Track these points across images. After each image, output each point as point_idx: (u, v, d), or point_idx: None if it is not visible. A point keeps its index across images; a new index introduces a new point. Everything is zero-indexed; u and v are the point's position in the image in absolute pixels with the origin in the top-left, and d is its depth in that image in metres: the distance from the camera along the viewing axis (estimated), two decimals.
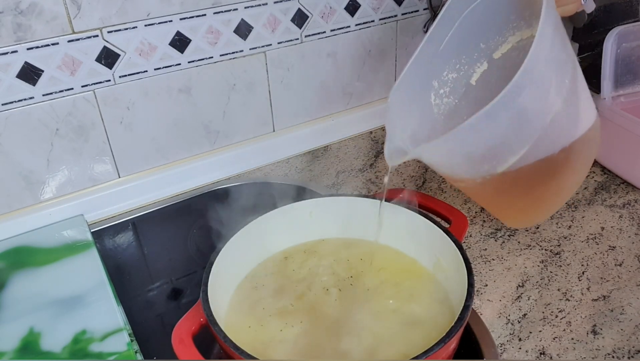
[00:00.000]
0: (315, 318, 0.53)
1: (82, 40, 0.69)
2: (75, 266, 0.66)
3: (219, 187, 0.84)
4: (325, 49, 0.88)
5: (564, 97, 0.47)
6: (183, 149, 0.83)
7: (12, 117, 0.68)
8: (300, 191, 0.81)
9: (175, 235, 0.78)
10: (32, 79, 0.67)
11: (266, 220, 0.59)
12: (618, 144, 0.79)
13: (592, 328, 0.58)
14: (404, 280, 0.58)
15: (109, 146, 0.76)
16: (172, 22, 0.74)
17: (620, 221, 0.74)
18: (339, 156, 0.91)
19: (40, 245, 0.70)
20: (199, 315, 0.48)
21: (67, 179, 0.75)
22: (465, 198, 0.78)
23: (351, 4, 0.87)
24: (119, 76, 0.73)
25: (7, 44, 0.65)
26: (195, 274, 0.70)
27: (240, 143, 0.87)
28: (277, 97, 0.87)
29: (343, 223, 0.63)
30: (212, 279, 0.51)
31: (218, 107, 0.83)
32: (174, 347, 0.46)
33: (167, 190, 0.82)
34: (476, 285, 0.64)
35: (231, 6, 0.77)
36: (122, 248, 0.75)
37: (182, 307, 0.54)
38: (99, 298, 0.61)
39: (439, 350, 0.43)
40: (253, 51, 0.82)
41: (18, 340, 0.56)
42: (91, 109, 0.73)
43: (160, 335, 0.60)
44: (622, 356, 0.55)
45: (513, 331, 0.58)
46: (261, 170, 0.88)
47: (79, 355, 0.54)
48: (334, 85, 0.92)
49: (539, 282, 0.64)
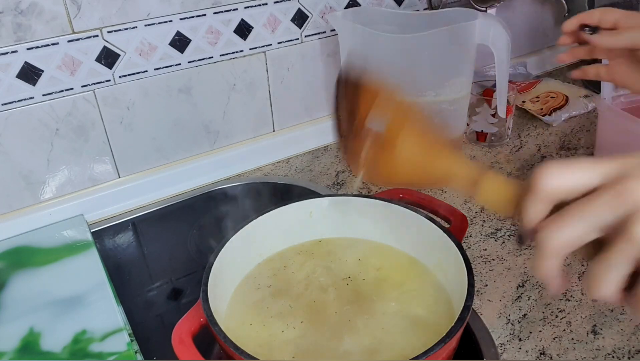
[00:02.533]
0: (315, 318, 0.53)
1: (82, 40, 0.69)
2: (75, 266, 0.66)
3: (219, 187, 0.84)
4: (325, 49, 0.88)
5: None
6: (183, 149, 0.83)
7: (12, 117, 0.68)
8: (300, 191, 0.81)
9: (175, 235, 0.78)
10: (32, 79, 0.67)
11: (266, 220, 0.59)
12: (618, 144, 0.79)
13: (592, 328, 0.58)
14: (404, 280, 0.58)
15: (109, 146, 0.76)
16: (172, 22, 0.74)
17: None
18: (339, 156, 0.91)
19: (40, 245, 0.70)
20: (199, 315, 0.48)
21: (67, 179, 0.75)
22: (465, 198, 0.78)
23: (351, 4, 0.87)
24: (119, 76, 0.73)
25: (7, 44, 0.65)
26: (195, 274, 0.70)
27: (240, 143, 0.87)
28: (277, 97, 0.87)
29: (343, 223, 0.63)
30: (212, 280, 0.51)
31: (218, 107, 0.83)
32: (174, 347, 0.46)
33: (167, 190, 0.82)
34: (476, 285, 0.64)
35: (231, 6, 0.77)
36: (122, 248, 0.75)
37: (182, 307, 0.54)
38: (99, 298, 0.61)
39: (439, 350, 0.43)
40: (253, 51, 0.82)
41: (18, 340, 0.56)
42: (91, 109, 0.73)
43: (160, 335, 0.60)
44: (622, 356, 0.55)
45: (513, 331, 0.58)
46: (261, 170, 0.88)
47: (79, 355, 0.54)
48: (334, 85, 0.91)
49: (539, 282, 0.64)
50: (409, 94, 0.72)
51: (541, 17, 1.14)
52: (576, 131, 0.96)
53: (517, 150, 0.91)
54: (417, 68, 0.78)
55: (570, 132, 0.95)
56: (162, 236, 0.79)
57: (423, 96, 0.79)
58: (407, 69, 0.77)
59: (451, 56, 0.79)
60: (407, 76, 0.77)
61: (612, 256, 0.32)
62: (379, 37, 0.75)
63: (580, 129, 0.96)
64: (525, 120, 1.00)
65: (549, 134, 0.95)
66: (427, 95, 0.80)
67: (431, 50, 0.76)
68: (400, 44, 0.76)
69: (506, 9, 1.04)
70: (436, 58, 0.78)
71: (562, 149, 0.91)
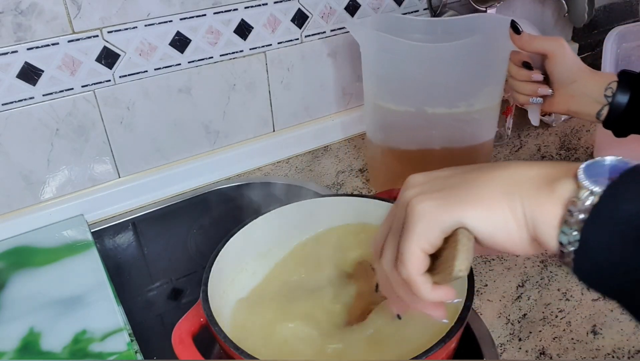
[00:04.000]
0: (315, 318, 0.53)
1: (82, 41, 0.69)
2: (75, 266, 0.66)
3: (219, 187, 0.84)
4: (325, 49, 0.88)
5: None
6: (183, 149, 0.83)
7: (12, 117, 0.68)
8: (300, 191, 0.81)
9: (175, 235, 0.78)
10: (32, 79, 0.67)
11: (266, 220, 0.59)
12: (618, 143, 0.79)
13: (592, 328, 0.58)
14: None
15: (109, 146, 0.76)
16: (172, 22, 0.74)
17: None
18: (339, 156, 0.91)
19: (40, 245, 0.70)
20: (199, 315, 0.48)
21: (67, 179, 0.75)
22: None
23: (351, 4, 0.87)
24: (119, 76, 0.73)
25: (7, 44, 0.65)
26: (195, 274, 0.70)
27: (240, 143, 0.87)
28: (277, 97, 0.87)
29: (343, 223, 0.63)
30: (212, 280, 0.51)
31: (218, 107, 0.83)
32: (174, 347, 0.46)
33: (167, 190, 0.82)
34: (476, 285, 0.64)
35: (231, 6, 0.77)
36: (122, 248, 0.75)
37: (182, 307, 0.54)
38: (99, 298, 0.61)
39: (439, 350, 0.43)
40: (253, 51, 0.82)
41: (18, 340, 0.56)
42: (91, 109, 0.73)
43: (160, 335, 0.60)
44: (622, 356, 0.55)
45: (513, 331, 0.58)
46: (261, 170, 0.89)
47: (79, 355, 0.54)
48: (334, 85, 0.92)
49: (539, 282, 0.64)
50: (439, 106, 0.71)
51: (541, 17, 1.14)
52: (576, 131, 0.96)
53: (517, 150, 0.91)
54: (451, 78, 0.72)
55: (570, 132, 0.95)
56: (162, 236, 0.79)
57: (455, 107, 0.73)
58: (441, 79, 0.71)
59: (486, 64, 0.73)
60: (439, 87, 0.72)
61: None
62: (412, 47, 0.68)
63: (580, 129, 0.96)
64: (525, 120, 1.00)
65: (548, 134, 0.95)
66: (459, 106, 0.73)
67: (468, 58, 0.70)
68: (435, 53, 0.69)
69: (506, 9, 1.04)
70: (471, 66, 0.71)
71: (562, 149, 0.91)
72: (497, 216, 0.34)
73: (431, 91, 0.72)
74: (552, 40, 0.62)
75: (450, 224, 0.35)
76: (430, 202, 0.36)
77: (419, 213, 0.36)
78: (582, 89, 0.61)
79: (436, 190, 0.37)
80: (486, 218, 0.34)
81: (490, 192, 0.34)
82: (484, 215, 0.34)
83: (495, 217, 0.34)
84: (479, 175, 0.36)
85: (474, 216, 0.34)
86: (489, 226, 0.34)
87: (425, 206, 0.36)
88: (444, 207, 0.35)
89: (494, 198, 0.34)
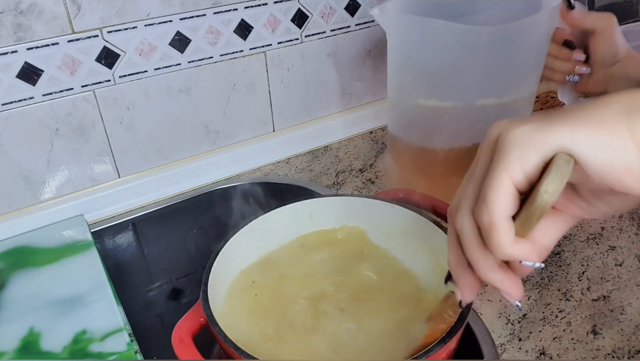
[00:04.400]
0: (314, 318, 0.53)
1: (82, 40, 0.69)
2: (75, 266, 0.66)
3: (219, 187, 0.84)
4: (325, 49, 0.88)
5: None
6: (183, 149, 0.83)
7: (12, 117, 0.68)
8: (300, 191, 0.81)
9: (175, 235, 0.78)
10: (32, 79, 0.67)
11: (266, 220, 0.59)
12: None
13: (592, 328, 0.58)
14: (403, 280, 0.58)
15: (109, 146, 0.76)
16: (172, 22, 0.74)
17: (621, 221, 0.74)
18: (339, 156, 0.91)
19: (40, 245, 0.70)
20: (199, 315, 0.48)
21: (67, 179, 0.75)
22: None
23: (351, 4, 0.87)
24: (119, 76, 0.73)
25: (7, 44, 0.65)
26: (195, 274, 0.70)
27: (240, 143, 0.87)
28: (277, 97, 0.87)
29: (343, 223, 0.63)
30: (212, 280, 0.51)
31: (218, 107, 0.83)
32: (174, 347, 0.46)
33: (167, 190, 0.82)
34: None
35: (231, 6, 0.77)
36: (122, 248, 0.75)
37: (182, 307, 0.53)
38: (99, 298, 0.61)
39: (439, 350, 0.43)
40: (253, 51, 0.82)
41: (18, 340, 0.56)
42: (91, 109, 0.73)
43: (160, 335, 0.60)
44: (622, 356, 0.55)
45: (513, 331, 0.58)
46: (261, 170, 0.88)
47: (79, 355, 0.54)
48: (334, 85, 0.92)
49: (539, 282, 0.64)
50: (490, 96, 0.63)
51: None
52: None
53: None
54: (507, 62, 0.62)
55: None
56: (162, 236, 0.79)
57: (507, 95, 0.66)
58: (497, 65, 0.63)
59: (540, 45, 0.64)
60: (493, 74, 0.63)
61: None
62: (468, 31, 0.57)
63: None
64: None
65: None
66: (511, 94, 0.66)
67: (527, 38, 0.61)
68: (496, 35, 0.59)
69: None
70: (530, 47, 0.63)
71: None
72: (614, 140, 0.28)
73: (484, 80, 0.64)
74: (603, 18, 0.58)
75: (553, 147, 0.28)
76: (529, 125, 0.29)
77: (513, 137, 0.29)
78: (625, 70, 0.57)
79: (534, 119, 0.30)
80: (600, 141, 0.28)
81: (606, 110, 0.28)
82: (597, 139, 0.28)
83: (612, 141, 0.28)
84: (590, 102, 0.30)
85: (585, 139, 0.28)
86: (604, 151, 0.28)
87: (523, 129, 0.29)
88: (547, 127, 0.29)
89: (611, 118, 0.28)
